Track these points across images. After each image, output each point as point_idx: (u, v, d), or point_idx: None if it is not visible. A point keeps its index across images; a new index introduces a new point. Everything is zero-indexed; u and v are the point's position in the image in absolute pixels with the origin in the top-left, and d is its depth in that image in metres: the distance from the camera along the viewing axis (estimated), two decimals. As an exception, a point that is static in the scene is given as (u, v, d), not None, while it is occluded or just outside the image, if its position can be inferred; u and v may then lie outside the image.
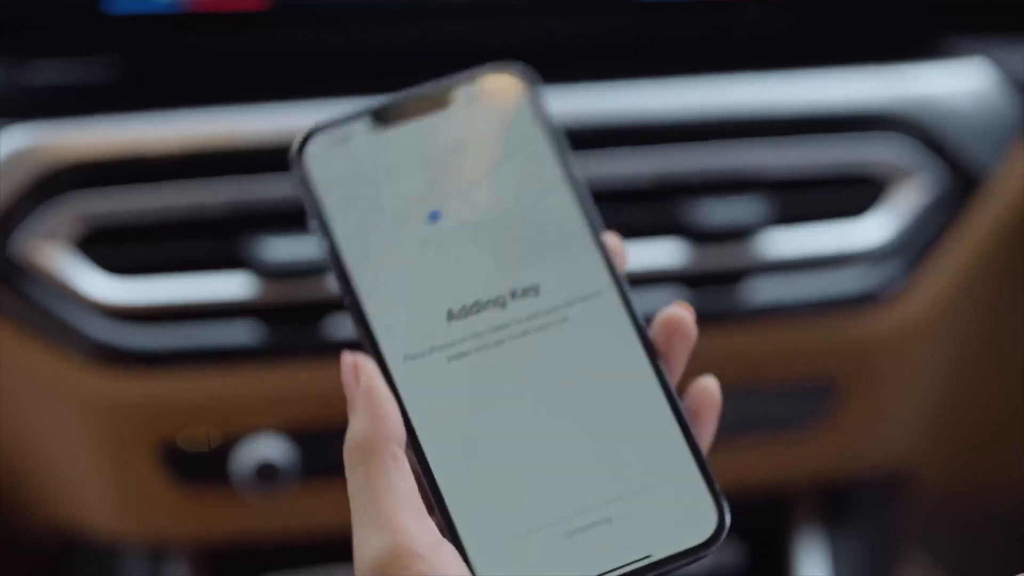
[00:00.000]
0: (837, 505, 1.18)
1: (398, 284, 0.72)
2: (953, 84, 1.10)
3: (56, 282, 1.02)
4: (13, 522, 1.14)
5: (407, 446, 0.68)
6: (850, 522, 1.17)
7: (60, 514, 1.12)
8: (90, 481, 1.09)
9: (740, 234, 1.06)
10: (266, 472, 1.06)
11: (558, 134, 0.75)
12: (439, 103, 0.75)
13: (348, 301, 0.72)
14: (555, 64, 1.05)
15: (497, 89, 0.75)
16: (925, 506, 1.26)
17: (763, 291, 1.09)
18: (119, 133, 1.02)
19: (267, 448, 1.06)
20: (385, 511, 0.65)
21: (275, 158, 1.01)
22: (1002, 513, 1.53)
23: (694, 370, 1.07)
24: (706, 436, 0.70)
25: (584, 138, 1.03)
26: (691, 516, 0.67)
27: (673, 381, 0.70)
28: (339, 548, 1.13)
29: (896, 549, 1.20)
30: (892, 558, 1.20)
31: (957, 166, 1.10)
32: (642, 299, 1.07)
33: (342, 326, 1.05)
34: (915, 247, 1.10)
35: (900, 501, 1.20)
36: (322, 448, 1.07)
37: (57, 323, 1.03)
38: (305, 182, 0.74)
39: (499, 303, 0.71)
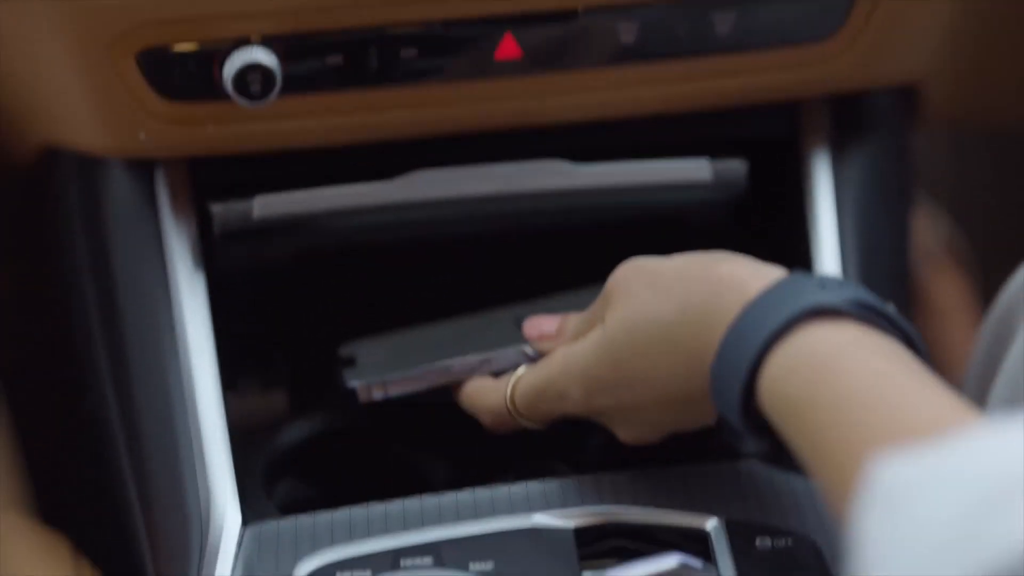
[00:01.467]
0: (846, 115, 1.16)
1: None
2: None
3: None
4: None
5: None
6: (859, 133, 1.15)
7: (43, 137, 1.09)
8: (72, 98, 1.05)
9: None
10: (250, 80, 1.02)
11: None
12: None
13: None
14: None
15: None
16: (931, 133, 1.26)
17: None
18: None
19: (251, 56, 1.02)
20: None
21: None
22: (1007, 147, 1.54)
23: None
24: None
25: None
26: None
27: None
28: (323, 163, 1.12)
29: (904, 168, 1.19)
30: (899, 178, 1.18)
31: None
32: None
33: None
34: None
35: (910, 116, 1.18)
36: (305, 58, 1.04)
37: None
38: None
39: None
